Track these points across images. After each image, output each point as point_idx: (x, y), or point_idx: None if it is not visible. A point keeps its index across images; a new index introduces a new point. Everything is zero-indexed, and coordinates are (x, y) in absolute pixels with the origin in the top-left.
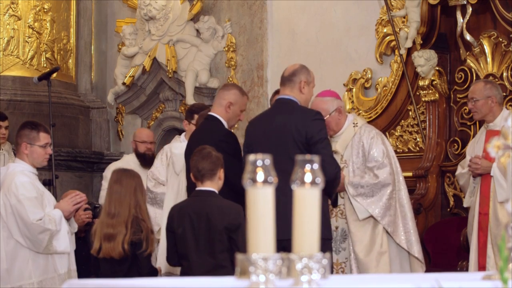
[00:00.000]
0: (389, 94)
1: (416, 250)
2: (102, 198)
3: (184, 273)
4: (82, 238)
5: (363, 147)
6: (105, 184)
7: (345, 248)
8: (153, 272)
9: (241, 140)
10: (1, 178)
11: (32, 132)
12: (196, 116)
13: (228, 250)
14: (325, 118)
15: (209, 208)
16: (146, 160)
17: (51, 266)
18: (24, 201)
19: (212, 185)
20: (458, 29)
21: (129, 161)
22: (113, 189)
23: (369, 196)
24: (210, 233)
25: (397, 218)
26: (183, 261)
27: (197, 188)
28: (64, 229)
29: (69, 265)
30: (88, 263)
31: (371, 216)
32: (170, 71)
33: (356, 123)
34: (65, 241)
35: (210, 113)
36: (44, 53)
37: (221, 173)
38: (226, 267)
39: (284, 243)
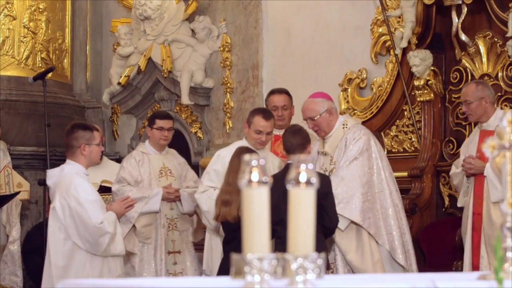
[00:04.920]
0: (384, 94)
1: (399, 253)
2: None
3: (278, 237)
4: None
5: (345, 147)
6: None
7: (333, 249)
8: None
9: None
10: (53, 180)
11: (87, 133)
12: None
13: (319, 216)
14: (315, 118)
15: None
16: None
17: (107, 269)
18: (85, 204)
19: None
20: (453, 29)
21: None
22: (233, 162)
23: (343, 202)
24: None
25: (378, 220)
26: (278, 227)
27: (289, 161)
28: (119, 232)
29: (122, 268)
30: None
31: (352, 223)
32: (165, 71)
33: (346, 125)
34: (120, 244)
35: None
36: (39, 53)
37: (309, 148)
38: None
39: None
